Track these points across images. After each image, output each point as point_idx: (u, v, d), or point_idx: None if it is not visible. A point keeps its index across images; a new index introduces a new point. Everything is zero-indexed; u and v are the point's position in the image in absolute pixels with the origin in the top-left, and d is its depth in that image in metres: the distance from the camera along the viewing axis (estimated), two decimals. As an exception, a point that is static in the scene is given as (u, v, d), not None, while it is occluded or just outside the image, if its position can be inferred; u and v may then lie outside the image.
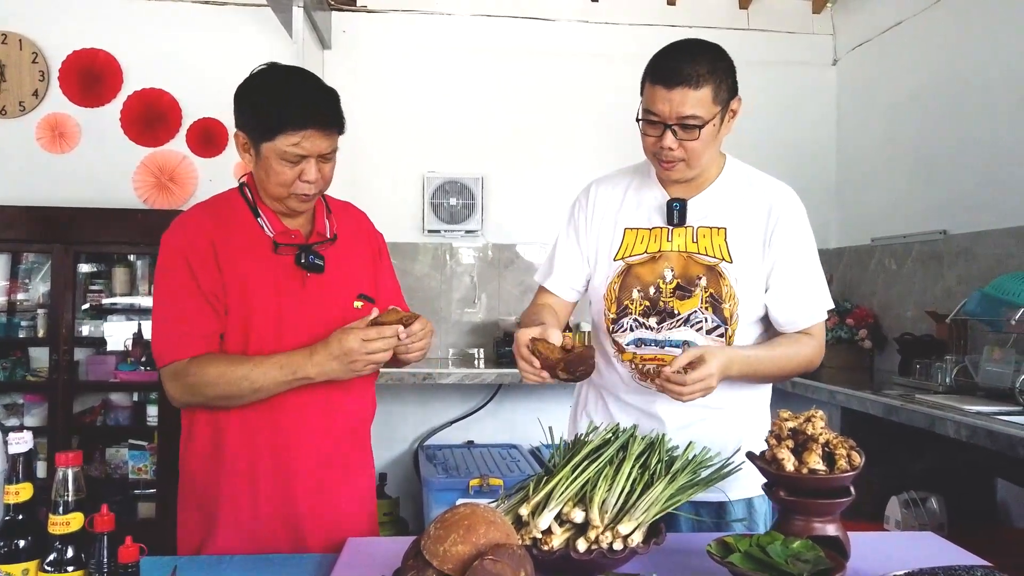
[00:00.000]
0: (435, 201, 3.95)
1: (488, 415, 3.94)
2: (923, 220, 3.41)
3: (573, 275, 1.73)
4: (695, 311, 1.59)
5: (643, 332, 1.62)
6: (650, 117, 1.52)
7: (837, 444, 1.27)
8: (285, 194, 1.49)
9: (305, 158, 1.45)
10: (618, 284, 1.64)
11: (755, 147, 4.08)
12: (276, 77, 1.49)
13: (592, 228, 1.70)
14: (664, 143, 1.52)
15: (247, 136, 1.48)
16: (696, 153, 1.53)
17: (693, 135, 1.50)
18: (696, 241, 1.61)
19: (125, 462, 3.56)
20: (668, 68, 1.49)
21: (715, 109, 1.51)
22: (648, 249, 1.63)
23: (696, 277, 1.59)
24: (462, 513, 1.04)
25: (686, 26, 4.01)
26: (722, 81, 1.52)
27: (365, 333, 1.42)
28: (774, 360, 1.58)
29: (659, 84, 1.50)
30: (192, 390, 1.46)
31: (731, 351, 1.52)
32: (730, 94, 1.55)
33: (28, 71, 3.68)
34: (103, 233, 3.49)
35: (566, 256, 1.74)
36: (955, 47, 3.27)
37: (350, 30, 3.95)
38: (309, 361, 1.44)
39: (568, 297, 1.76)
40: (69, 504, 1.02)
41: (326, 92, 1.50)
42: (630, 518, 1.23)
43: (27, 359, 3.63)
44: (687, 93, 1.48)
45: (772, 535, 1.23)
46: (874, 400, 2.68)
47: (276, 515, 1.50)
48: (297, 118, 1.42)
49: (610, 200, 1.70)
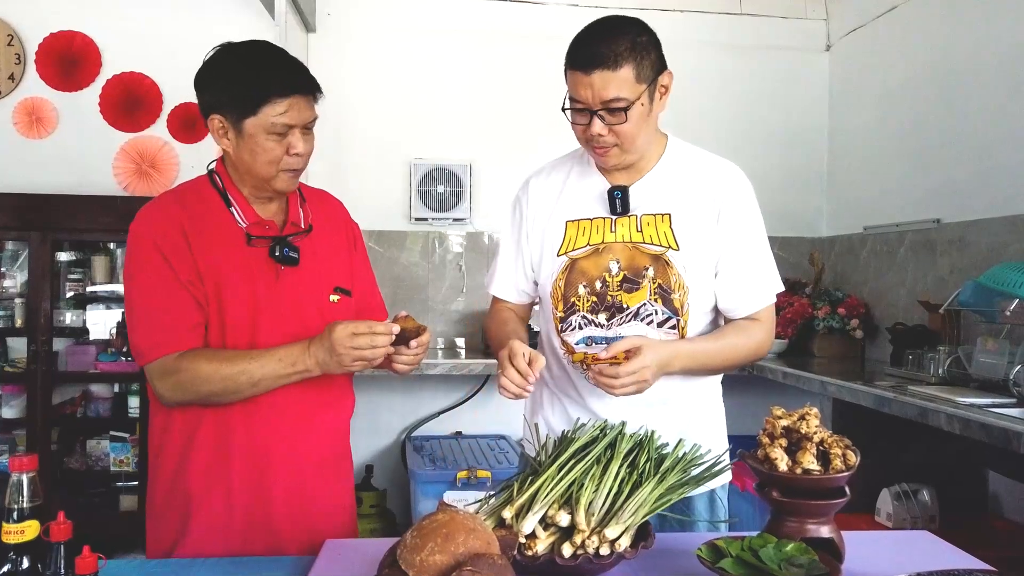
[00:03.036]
0: (423, 188, 3.89)
1: (476, 405, 3.90)
2: (916, 208, 3.37)
3: (518, 278, 1.67)
4: (644, 303, 1.51)
5: (592, 330, 1.55)
6: (575, 105, 1.46)
7: (832, 443, 1.23)
8: (274, 172, 1.43)
9: (291, 129, 1.40)
10: (563, 280, 1.56)
11: (746, 133, 4.08)
12: (244, 50, 1.43)
13: (534, 225, 1.63)
14: (593, 130, 1.45)
15: (224, 117, 1.41)
16: (628, 136, 1.46)
17: (620, 118, 1.43)
18: (641, 230, 1.53)
19: (106, 454, 3.50)
20: (584, 52, 1.42)
21: (640, 88, 1.43)
22: (591, 241, 1.55)
23: (643, 268, 1.52)
24: (440, 520, 0.99)
25: (677, 10, 3.95)
26: (644, 57, 1.43)
27: (355, 327, 1.36)
28: (721, 351, 1.52)
29: (577, 69, 1.42)
30: (184, 388, 1.39)
31: (673, 345, 1.46)
32: (656, 70, 1.46)
33: (3, 54, 3.58)
34: (82, 220, 3.40)
35: (508, 259, 1.68)
36: (949, 33, 3.22)
37: (335, 12, 3.86)
38: (307, 352, 1.39)
39: (519, 300, 1.70)
40: (24, 511, 0.96)
41: (296, 60, 1.45)
42: (617, 521, 1.18)
43: (5, 349, 3.56)
44: (607, 76, 1.40)
45: (765, 537, 1.19)
46: (866, 391, 2.65)
47: (251, 517, 1.45)
48: (281, 84, 1.37)
49: (549, 192, 1.62)
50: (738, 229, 1.54)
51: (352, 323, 1.37)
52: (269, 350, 1.40)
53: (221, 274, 1.43)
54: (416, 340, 1.43)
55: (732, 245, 1.54)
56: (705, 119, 4.00)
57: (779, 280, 1.61)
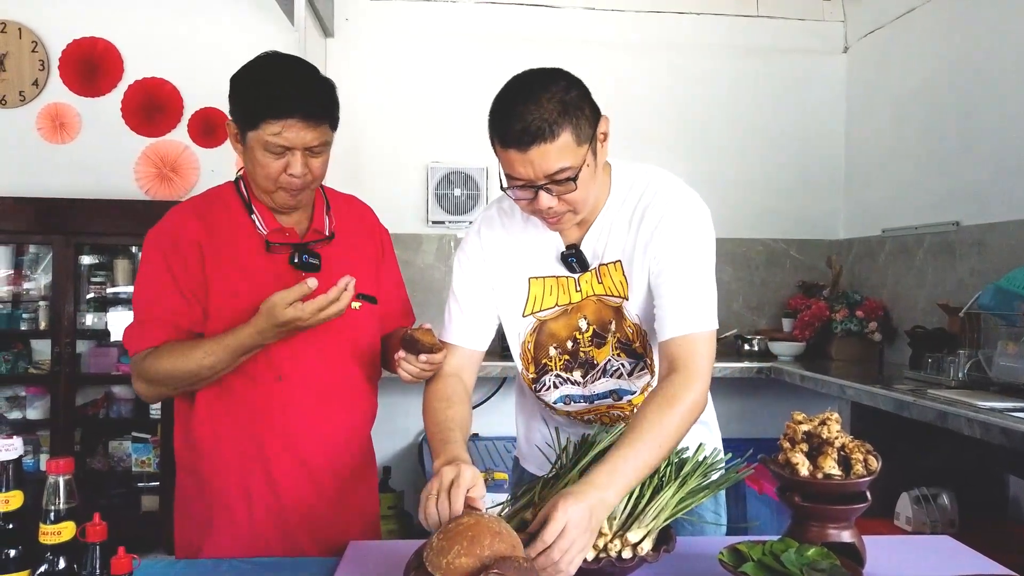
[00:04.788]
0: (439, 192, 3.91)
1: (493, 408, 3.91)
2: (935, 211, 3.35)
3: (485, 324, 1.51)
4: (608, 359, 1.47)
5: (569, 388, 1.50)
6: (514, 183, 1.31)
7: (853, 448, 1.23)
8: (272, 188, 1.43)
9: (290, 150, 1.39)
10: (532, 342, 1.49)
11: (762, 136, 4.08)
12: (266, 64, 1.43)
13: (490, 278, 1.49)
14: (541, 205, 1.31)
15: (236, 125, 1.43)
16: (580, 201, 1.33)
17: (569, 187, 1.29)
18: (601, 281, 1.45)
19: (128, 455, 3.55)
20: (514, 127, 1.25)
21: (582, 151, 1.28)
22: (559, 302, 1.47)
23: (608, 322, 1.45)
24: (466, 524, 1.00)
25: (694, 12, 3.94)
26: (579, 116, 1.27)
27: (296, 305, 1.34)
28: (658, 445, 1.24)
29: (510, 147, 1.27)
30: (153, 383, 1.43)
31: (593, 488, 1.14)
32: (593, 123, 1.31)
33: (28, 60, 3.64)
34: (104, 224, 3.46)
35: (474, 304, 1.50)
36: (968, 34, 3.21)
37: (353, 17, 3.89)
38: (258, 335, 1.37)
39: (482, 348, 1.53)
40: (61, 512, 0.99)
41: (316, 82, 1.42)
42: (639, 525, 1.19)
43: (29, 351, 3.62)
44: (545, 149, 1.24)
45: (786, 542, 1.20)
46: (886, 395, 2.64)
47: (273, 519, 1.47)
48: (278, 106, 1.36)
49: (503, 246, 1.49)
50: (667, 250, 1.38)
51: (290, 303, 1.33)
52: (219, 339, 1.39)
53: (238, 282, 1.45)
54: (427, 356, 1.40)
55: (661, 269, 1.38)
56: (721, 122, 4.01)
57: (714, 317, 1.38)
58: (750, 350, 3.77)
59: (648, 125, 3.87)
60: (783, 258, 4.10)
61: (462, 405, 1.41)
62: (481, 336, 1.51)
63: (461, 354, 1.50)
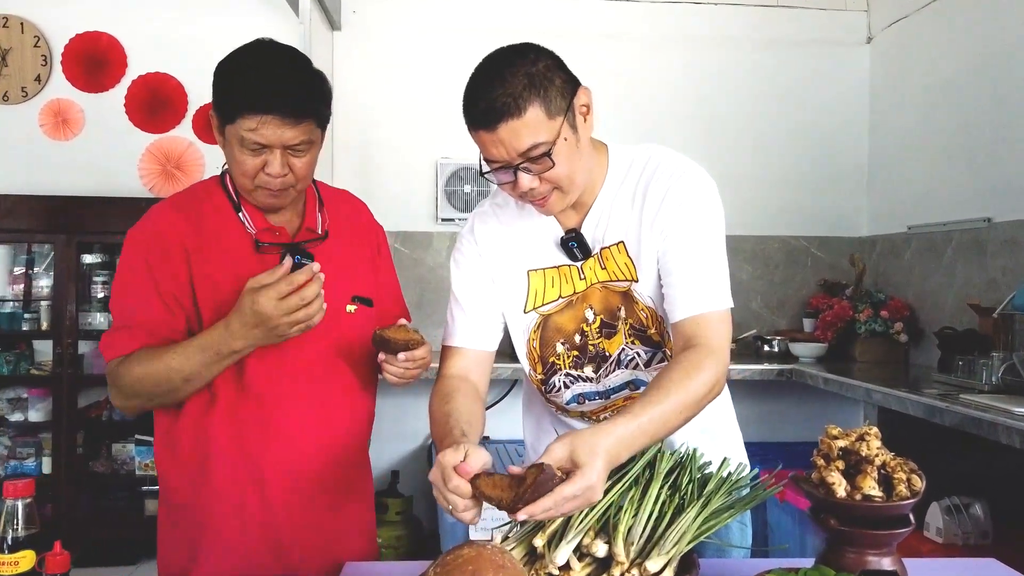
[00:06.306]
0: (449, 188, 3.81)
1: (503, 410, 3.79)
2: (965, 207, 3.21)
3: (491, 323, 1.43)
4: (623, 348, 1.37)
5: (581, 386, 1.41)
6: (492, 165, 1.26)
7: (895, 467, 1.12)
8: (250, 186, 1.34)
9: (267, 148, 1.28)
10: (537, 340, 1.41)
11: (783, 130, 3.95)
12: (250, 55, 1.32)
13: (489, 273, 1.42)
14: (522, 186, 1.25)
15: (216, 116, 1.33)
16: (564, 177, 1.26)
17: (546, 164, 1.23)
18: (604, 266, 1.36)
19: (132, 458, 3.49)
20: (480, 106, 1.21)
21: (555, 124, 1.22)
22: (563, 294, 1.38)
23: (616, 308, 1.36)
24: (466, 556, 0.90)
25: (711, 3, 3.82)
26: (548, 87, 1.21)
27: (277, 290, 1.22)
28: (674, 412, 1.18)
29: (480, 128, 1.22)
30: (126, 394, 1.33)
31: (612, 438, 1.10)
32: (567, 95, 1.24)
33: (30, 56, 3.58)
34: (108, 222, 3.38)
35: (477, 303, 1.42)
36: (997, 23, 3.07)
37: (360, 10, 3.80)
38: (228, 334, 1.26)
39: (491, 348, 1.44)
40: (19, 540, 0.90)
41: (301, 75, 1.31)
42: (659, 551, 1.08)
43: (31, 352, 3.56)
44: (514, 125, 1.19)
45: (821, 570, 1.09)
46: (916, 400, 2.52)
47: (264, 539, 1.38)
48: (254, 101, 1.25)
49: (498, 239, 1.42)
50: (674, 226, 1.31)
51: (272, 287, 1.22)
52: (192, 340, 1.29)
53: (225, 284, 1.35)
54: (406, 353, 1.32)
55: (669, 248, 1.31)
56: (739, 116, 3.89)
57: (728, 295, 1.32)
58: (770, 351, 3.65)
59: (663, 120, 3.76)
60: (804, 256, 3.97)
61: (464, 398, 1.33)
62: (487, 336, 1.43)
63: (467, 356, 1.41)
